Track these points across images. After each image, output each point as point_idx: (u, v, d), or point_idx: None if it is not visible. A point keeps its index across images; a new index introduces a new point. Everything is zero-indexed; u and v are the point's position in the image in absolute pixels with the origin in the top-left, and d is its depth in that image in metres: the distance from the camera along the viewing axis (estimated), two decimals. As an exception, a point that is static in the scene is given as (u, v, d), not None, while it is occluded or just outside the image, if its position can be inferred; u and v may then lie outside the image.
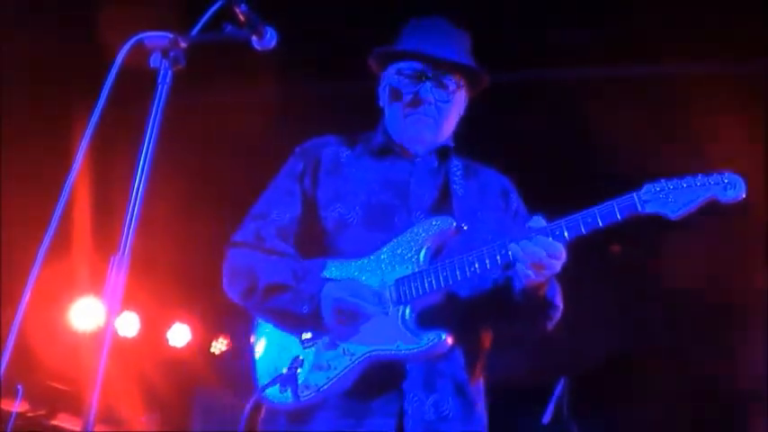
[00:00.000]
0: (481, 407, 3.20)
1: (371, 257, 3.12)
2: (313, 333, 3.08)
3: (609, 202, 2.87)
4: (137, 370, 7.97)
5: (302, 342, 3.10)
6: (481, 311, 3.18)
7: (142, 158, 2.38)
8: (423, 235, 3.08)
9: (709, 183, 2.82)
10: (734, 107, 5.99)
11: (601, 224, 2.85)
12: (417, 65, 3.28)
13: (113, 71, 2.41)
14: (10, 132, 6.08)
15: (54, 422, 6.50)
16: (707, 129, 6.06)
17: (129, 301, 8.34)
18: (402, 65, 3.32)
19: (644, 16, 5.98)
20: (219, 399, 9.11)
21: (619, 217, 2.85)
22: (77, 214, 6.38)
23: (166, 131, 2.40)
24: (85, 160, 2.38)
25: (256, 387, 3.11)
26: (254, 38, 2.68)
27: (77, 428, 6.46)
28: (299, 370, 3.03)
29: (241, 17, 2.63)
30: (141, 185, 2.37)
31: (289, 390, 3.02)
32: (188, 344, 9.26)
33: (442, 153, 3.38)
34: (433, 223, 3.10)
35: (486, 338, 3.29)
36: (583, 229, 2.87)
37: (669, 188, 2.84)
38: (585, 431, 6.37)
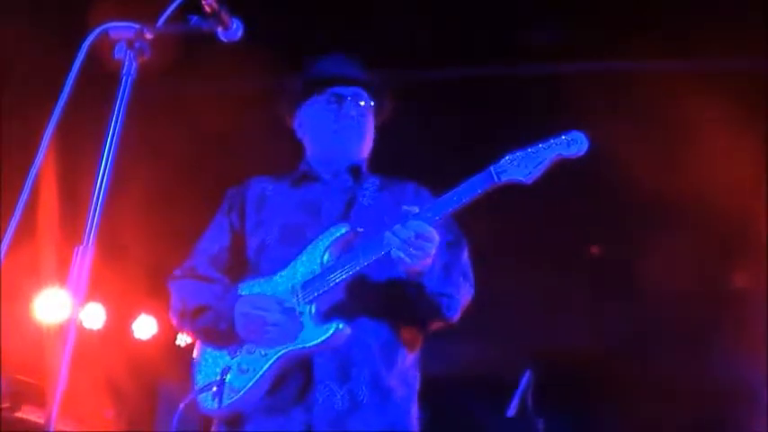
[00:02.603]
0: (404, 396, 3.33)
1: (284, 270, 3.36)
2: (238, 344, 3.33)
3: (470, 179, 3.04)
4: (102, 363, 7.90)
5: (229, 353, 3.34)
6: (387, 306, 3.32)
7: (106, 149, 2.39)
8: (323, 242, 3.30)
9: (554, 144, 2.99)
10: (722, 105, 6.05)
11: (465, 200, 3.03)
12: (333, 90, 3.56)
13: (78, 61, 2.41)
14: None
15: (18, 414, 6.44)
16: (695, 129, 6.12)
17: (94, 292, 8.29)
18: (320, 96, 3.59)
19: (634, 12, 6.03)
20: (185, 392, 9.10)
21: (479, 191, 3.02)
22: (43, 203, 6.34)
23: (142, 122, 2.40)
24: (52, 149, 2.38)
25: (192, 392, 3.39)
26: (219, 29, 2.68)
27: (42, 421, 6.41)
28: (226, 377, 3.28)
29: (207, 8, 2.62)
30: (105, 176, 2.37)
31: (216, 396, 3.26)
32: (154, 336, 9.22)
33: (354, 172, 3.60)
34: (329, 230, 3.32)
35: (406, 332, 3.41)
36: (449, 208, 3.05)
37: (520, 156, 3.00)
38: (551, 424, 6.39)
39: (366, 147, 3.63)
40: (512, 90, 6.69)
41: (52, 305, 7.77)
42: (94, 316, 8.50)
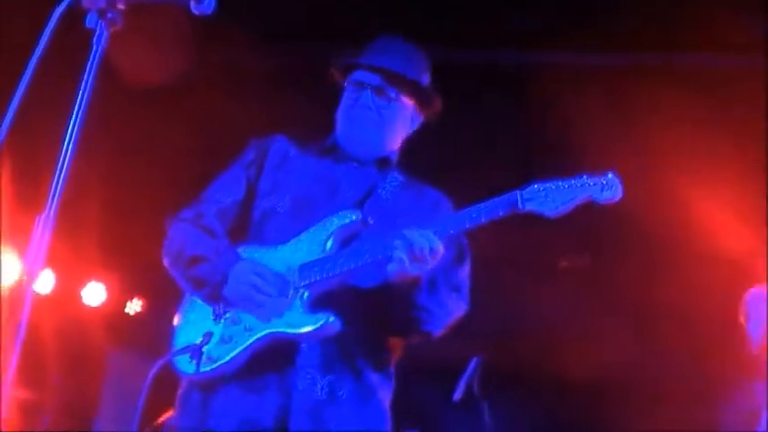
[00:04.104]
0: (382, 398, 3.33)
1: (286, 245, 3.30)
2: (224, 308, 3.27)
3: (494, 199, 3.02)
4: (50, 328, 7.84)
5: (214, 317, 3.28)
6: (372, 308, 3.28)
7: (72, 120, 2.37)
8: (330, 226, 3.25)
9: (588, 183, 2.97)
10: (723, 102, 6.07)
11: (484, 219, 3.01)
12: (363, 75, 3.44)
13: (48, 29, 2.39)
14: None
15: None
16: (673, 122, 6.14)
17: (45, 257, 8.19)
18: (352, 76, 3.49)
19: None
20: (132, 360, 9.07)
21: (501, 213, 3.00)
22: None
23: (106, 96, 2.38)
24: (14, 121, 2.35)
25: (170, 352, 3.32)
26: (192, 2, 2.66)
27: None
28: (207, 342, 3.21)
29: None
30: (71, 145, 2.36)
31: (194, 360, 3.20)
32: (103, 303, 9.17)
33: (382, 163, 3.51)
34: (340, 214, 3.27)
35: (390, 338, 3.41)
36: (467, 225, 3.04)
37: (551, 188, 2.98)
38: (496, 409, 6.45)
39: (386, 140, 3.50)
40: (493, 79, 6.69)
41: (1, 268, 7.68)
42: (44, 281, 8.42)
